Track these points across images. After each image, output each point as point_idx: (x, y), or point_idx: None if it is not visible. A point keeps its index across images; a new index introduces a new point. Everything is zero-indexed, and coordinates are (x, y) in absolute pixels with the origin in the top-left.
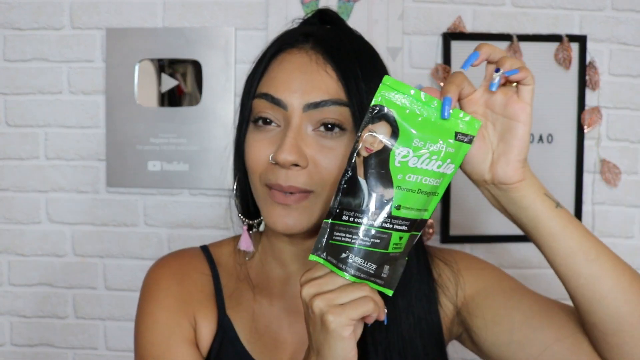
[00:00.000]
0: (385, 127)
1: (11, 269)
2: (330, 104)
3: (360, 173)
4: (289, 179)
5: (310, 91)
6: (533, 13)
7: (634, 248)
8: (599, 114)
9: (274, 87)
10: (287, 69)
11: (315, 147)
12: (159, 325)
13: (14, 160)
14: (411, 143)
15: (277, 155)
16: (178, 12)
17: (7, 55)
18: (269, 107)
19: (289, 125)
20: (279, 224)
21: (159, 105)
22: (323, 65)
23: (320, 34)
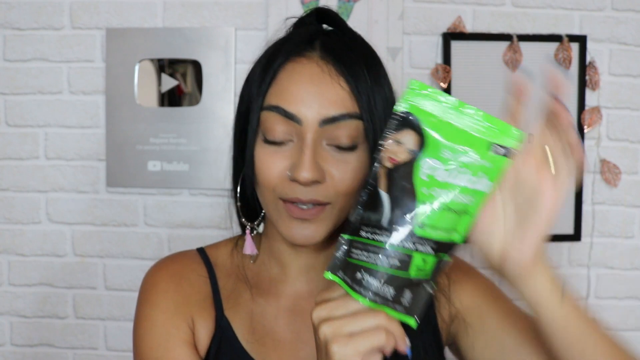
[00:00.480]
0: (411, 135)
1: (11, 269)
2: (346, 117)
3: (382, 185)
4: (308, 193)
5: (326, 105)
6: (533, 13)
7: (633, 248)
8: (599, 114)
9: (286, 100)
10: (298, 80)
11: (330, 161)
12: (157, 328)
13: (14, 160)
14: (439, 154)
15: (297, 174)
16: (178, 12)
17: (7, 55)
18: (281, 121)
19: (303, 141)
20: (297, 238)
21: (159, 105)
22: (336, 77)
23: (326, 39)
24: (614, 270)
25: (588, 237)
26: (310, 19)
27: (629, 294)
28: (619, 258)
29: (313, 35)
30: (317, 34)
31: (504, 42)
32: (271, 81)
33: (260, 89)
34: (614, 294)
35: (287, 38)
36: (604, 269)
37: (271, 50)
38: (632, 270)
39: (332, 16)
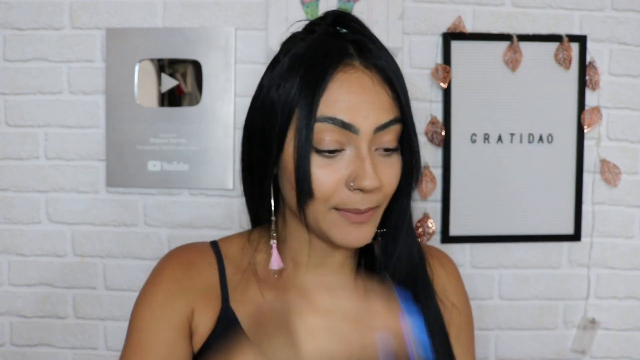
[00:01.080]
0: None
1: (11, 269)
2: (394, 122)
3: None
4: (365, 202)
5: (378, 113)
6: (533, 13)
7: (634, 248)
8: (599, 114)
9: (343, 111)
10: (350, 91)
11: (380, 166)
12: (154, 304)
13: (13, 160)
14: None
15: (362, 183)
16: (178, 12)
17: (7, 55)
18: (337, 131)
19: (360, 149)
20: (353, 241)
21: (159, 105)
22: (381, 85)
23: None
24: (614, 270)
25: (588, 237)
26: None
27: (629, 294)
28: (619, 258)
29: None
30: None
31: (504, 42)
32: (322, 92)
33: (308, 100)
34: (614, 294)
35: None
36: (604, 269)
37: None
38: (632, 270)
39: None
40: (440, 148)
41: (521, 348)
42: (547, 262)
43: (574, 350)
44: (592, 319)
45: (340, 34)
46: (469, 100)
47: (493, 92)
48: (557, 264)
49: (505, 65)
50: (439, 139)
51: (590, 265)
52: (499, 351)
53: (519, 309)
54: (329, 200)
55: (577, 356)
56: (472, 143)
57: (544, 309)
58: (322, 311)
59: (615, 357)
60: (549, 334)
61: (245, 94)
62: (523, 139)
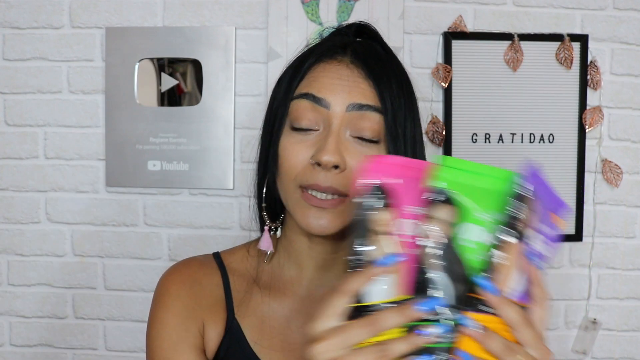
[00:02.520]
0: (447, 210)
1: (10, 269)
2: (371, 109)
3: (433, 267)
4: (327, 179)
5: (354, 94)
6: (534, 12)
7: (635, 248)
8: (600, 114)
9: (316, 88)
10: (327, 75)
11: (352, 152)
12: (168, 330)
13: (13, 159)
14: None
15: (320, 156)
16: (178, 11)
17: (7, 55)
18: (309, 107)
19: (329, 127)
20: (313, 225)
21: (159, 104)
22: (363, 77)
23: (358, 47)
24: (615, 270)
25: (589, 237)
26: (348, 31)
27: (630, 294)
28: (621, 258)
29: (347, 43)
30: (350, 43)
31: (505, 42)
32: (302, 78)
33: (290, 85)
34: (615, 294)
35: (321, 43)
36: (605, 269)
37: (305, 53)
38: (633, 270)
39: (371, 32)
40: (441, 148)
41: None
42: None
43: (575, 351)
44: (594, 320)
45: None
46: (469, 99)
47: (494, 91)
48: (558, 264)
49: (506, 64)
50: (439, 138)
51: (591, 265)
52: None
53: None
54: (296, 178)
55: (579, 357)
56: (473, 143)
57: None
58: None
59: (617, 358)
60: (550, 334)
61: (245, 93)
62: (524, 139)
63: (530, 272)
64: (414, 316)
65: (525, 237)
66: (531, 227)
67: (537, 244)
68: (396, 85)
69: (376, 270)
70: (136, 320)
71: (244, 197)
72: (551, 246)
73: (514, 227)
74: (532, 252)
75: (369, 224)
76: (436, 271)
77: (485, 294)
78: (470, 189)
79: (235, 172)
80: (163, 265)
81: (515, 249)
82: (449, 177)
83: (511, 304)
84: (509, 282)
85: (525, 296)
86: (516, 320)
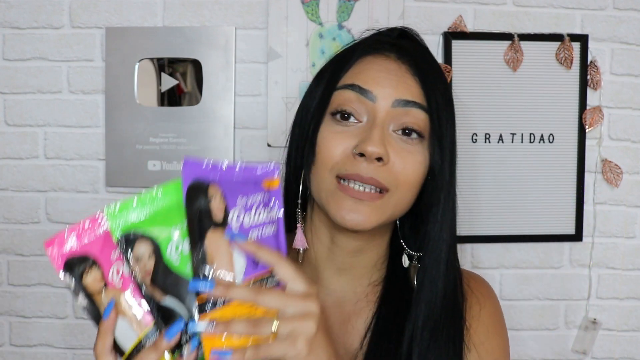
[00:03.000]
0: (142, 245)
1: (10, 268)
2: (417, 106)
3: (160, 297)
4: (370, 171)
5: (400, 89)
6: (534, 12)
7: (635, 248)
8: (600, 114)
9: (363, 80)
10: (375, 68)
11: (395, 148)
12: None
13: (13, 159)
14: (172, 236)
15: (365, 146)
16: (178, 11)
17: (7, 55)
18: (354, 98)
19: (374, 120)
20: (348, 219)
21: (159, 104)
22: (410, 73)
23: (405, 45)
24: (615, 270)
25: (589, 237)
26: (390, 34)
27: (630, 294)
28: (620, 258)
29: (393, 42)
30: (396, 43)
31: (505, 42)
32: (347, 70)
33: (334, 76)
34: (615, 295)
35: (367, 39)
36: (605, 269)
37: (349, 47)
38: (633, 270)
39: (414, 37)
40: None
41: (522, 348)
42: (548, 262)
43: (575, 351)
44: (594, 320)
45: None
46: (469, 99)
47: (494, 91)
48: (558, 264)
49: (506, 64)
50: None
51: (591, 265)
52: None
53: (520, 309)
54: (334, 168)
55: (578, 357)
56: (473, 143)
57: (545, 309)
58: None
59: (617, 358)
60: (550, 334)
61: (245, 93)
62: (524, 139)
63: (245, 248)
64: (169, 346)
65: (223, 223)
66: (225, 212)
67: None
68: (441, 85)
69: (106, 325)
70: None
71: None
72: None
73: (202, 222)
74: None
75: (85, 289)
76: (163, 297)
77: (206, 293)
78: (147, 218)
79: None
80: None
81: (214, 238)
82: (121, 222)
83: (236, 287)
84: (227, 268)
85: (261, 266)
86: (251, 295)
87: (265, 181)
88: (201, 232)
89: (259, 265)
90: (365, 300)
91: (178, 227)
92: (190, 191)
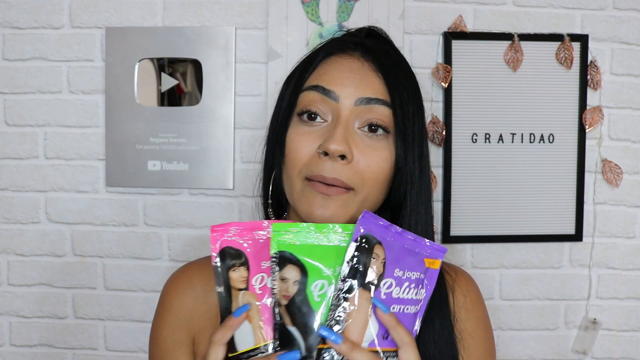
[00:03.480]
0: (293, 269)
1: (10, 268)
2: (380, 103)
3: (288, 322)
4: (334, 170)
5: (363, 87)
6: (534, 12)
7: (635, 248)
8: (600, 114)
9: (326, 81)
10: (338, 68)
11: (359, 145)
12: (160, 342)
13: (13, 159)
14: (322, 274)
15: (328, 144)
16: (178, 11)
17: (6, 55)
18: (319, 99)
19: (338, 119)
20: (316, 213)
21: (159, 104)
22: (373, 70)
23: (369, 44)
24: (615, 270)
25: (589, 238)
26: (358, 34)
27: (630, 294)
28: (620, 258)
29: (357, 42)
30: (361, 41)
31: (505, 42)
32: (312, 71)
33: (300, 78)
34: (615, 295)
35: (332, 40)
36: (605, 269)
37: (315, 49)
38: (633, 270)
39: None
40: (441, 148)
41: (522, 348)
42: (548, 262)
43: (575, 351)
44: (594, 320)
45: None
46: (469, 99)
47: (494, 91)
48: (558, 264)
49: (506, 64)
50: (439, 138)
51: (591, 265)
52: (500, 351)
53: (519, 309)
54: (302, 170)
55: (579, 357)
56: (473, 143)
57: (545, 309)
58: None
59: (617, 358)
60: (550, 334)
61: (245, 93)
62: (524, 139)
63: (383, 319)
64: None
65: (372, 285)
66: (380, 276)
67: (392, 290)
68: (405, 80)
69: (233, 322)
70: (136, 320)
71: (244, 197)
72: (424, 287)
73: (356, 277)
74: (382, 298)
75: (228, 281)
76: (290, 325)
77: (330, 344)
78: (308, 249)
79: (235, 172)
80: (163, 265)
81: (362, 298)
82: (286, 242)
83: (361, 351)
84: (359, 331)
85: (390, 340)
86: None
87: (429, 260)
88: (351, 285)
89: (388, 339)
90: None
91: (331, 269)
92: (358, 243)
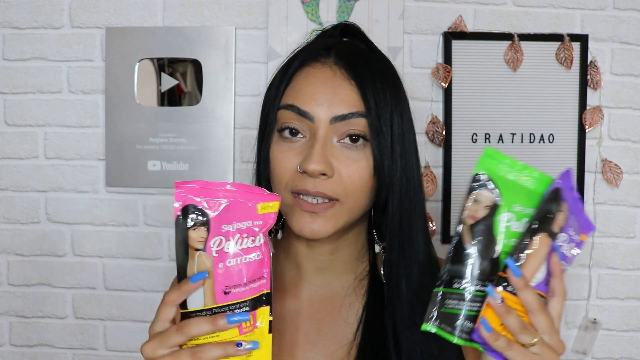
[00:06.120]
0: (489, 194)
1: (10, 268)
2: (355, 116)
3: (467, 241)
4: (316, 186)
5: (336, 104)
6: (534, 12)
7: (635, 248)
8: (600, 114)
9: (300, 100)
10: (311, 83)
11: (340, 158)
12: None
13: (13, 159)
14: (513, 208)
15: (306, 165)
16: (178, 11)
17: (7, 55)
18: (295, 118)
19: (315, 137)
20: (305, 230)
21: (159, 104)
22: (346, 79)
23: (342, 47)
24: (616, 270)
25: (589, 237)
26: (334, 32)
27: (630, 294)
28: (621, 258)
29: (331, 44)
30: (335, 44)
31: (505, 42)
32: (288, 83)
33: (277, 90)
34: (615, 295)
35: (306, 46)
36: (605, 269)
37: (290, 57)
38: (633, 270)
39: (356, 31)
40: (441, 148)
41: None
42: None
43: (575, 351)
44: (594, 320)
45: (335, 40)
46: (469, 99)
47: (494, 91)
48: None
49: (506, 64)
50: (439, 138)
51: (591, 265)
52: None
53: None
54: (287, 185)
55: (579, 357)
56: (473, 143)
57: None
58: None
59: (617, 358)
60: None
61: (245, 93)
62: (524, 139)
63: (554, 266)
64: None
65: (554, 235)
66: (561, 229)
67: (564, 244)
68: (380, 82)
69: (189, 286)
70: (136, 320)
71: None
72: (575, 250)
73: (545, 222)
74: (558, 249)
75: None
76: (468, 244)
77: (509, 274)
78: (508, 182)
79: (235, 172)
80: (163, 265)
81: (543, 242)
82: (491, 168)
83: (531, 289)
84: (532, 271)
85: (545, 287)
86: (534, 305)
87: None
88: (538, 228)
89: (546, 287)
90: (355, 294)
91: (522, 208)
92: (553, 193)
